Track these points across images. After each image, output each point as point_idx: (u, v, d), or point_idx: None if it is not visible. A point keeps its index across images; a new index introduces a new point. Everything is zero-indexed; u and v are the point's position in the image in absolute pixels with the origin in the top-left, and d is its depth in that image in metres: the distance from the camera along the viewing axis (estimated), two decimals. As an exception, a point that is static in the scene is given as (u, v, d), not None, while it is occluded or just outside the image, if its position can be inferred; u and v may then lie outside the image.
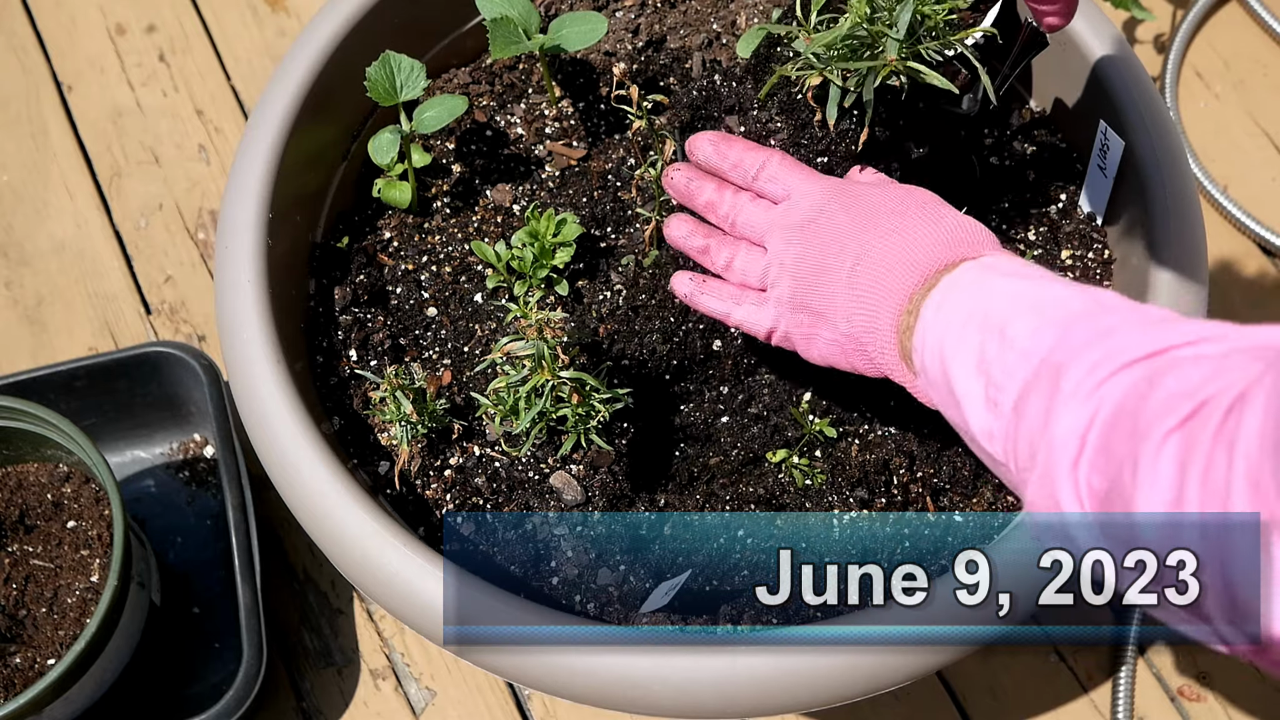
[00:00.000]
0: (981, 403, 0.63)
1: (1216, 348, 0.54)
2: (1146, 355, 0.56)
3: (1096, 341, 0.58)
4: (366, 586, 0.86)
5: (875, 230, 0.75)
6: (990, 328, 0.63)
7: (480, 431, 0.97)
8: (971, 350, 0.64)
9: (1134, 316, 0.59)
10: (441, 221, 1.05)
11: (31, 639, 1.06)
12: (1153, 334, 0.57)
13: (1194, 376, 0.53)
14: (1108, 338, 0.58)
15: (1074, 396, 0.57)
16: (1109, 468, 0.55)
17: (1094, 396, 0.56)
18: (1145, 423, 0.53)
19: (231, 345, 0.93)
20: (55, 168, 1.45)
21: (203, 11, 1.53)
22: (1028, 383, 0.59)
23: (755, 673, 0.80)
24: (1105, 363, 0.57)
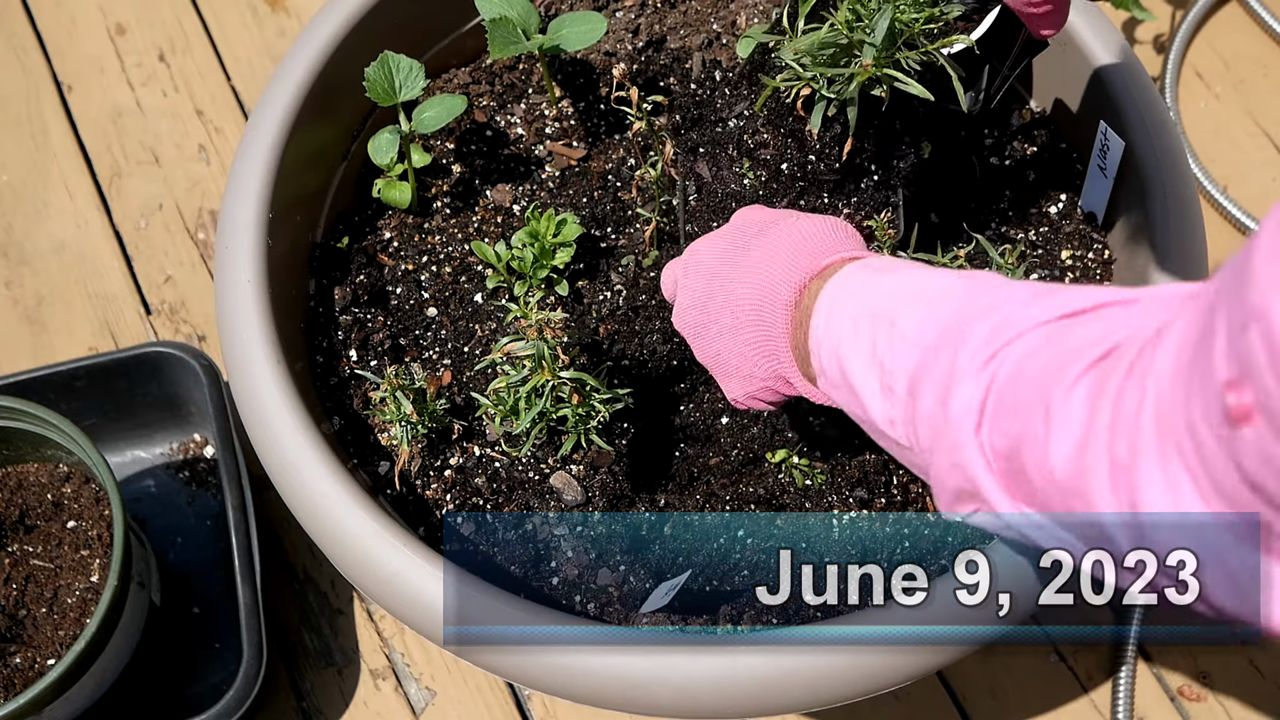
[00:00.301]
0: (878, 391, 0.64)
1: (1122, 309, 0.54)
2: (1043, 322, 0.56)
3: (986, 315, 0.59)
4: (366, 586, 0.86)
5: (736, 276, 0.77)
6: (880, 320, 0.65)
7: (480, 431, 0.97)
8: (865, 343, 0.65)
9: (1022, 290, 0.60)
10: (441, 221, 1.05)
11: (31, 639, 1.06)
12: (1045, 302, 0.57)
13: (1099, 328, 0.53)
14: (996, 311, 0.59)
15: (969, 370, 0.58)
16: (1012, 425, 0.55)
17: (989, 366, 0.57)
18: (1056, 370, 0.53)
19: (231, 345, 0.93)
20: (55, 168, 1.45)
21: (203, 11, 1.53)
22: (920, 364, 0.61)
23: (755, 673, 0.80)
24: (999, 333, 0.57)
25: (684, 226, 0.95)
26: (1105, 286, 0.57)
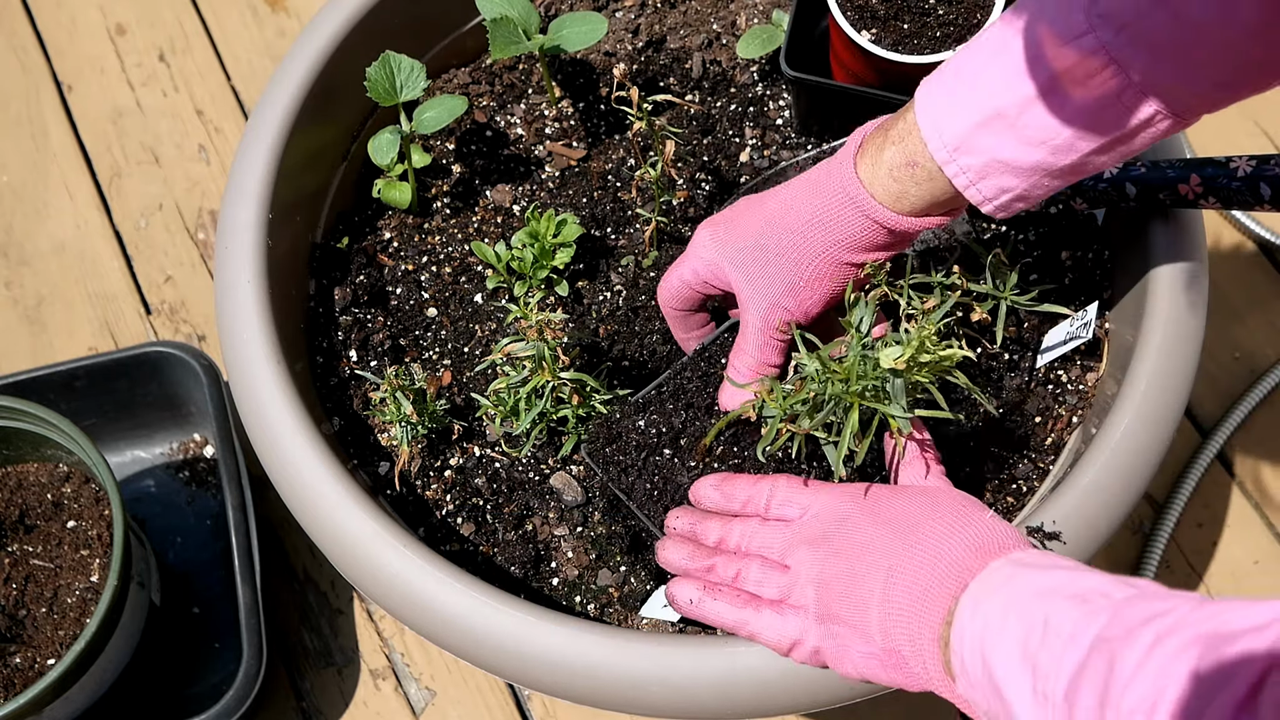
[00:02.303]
0: (1029, 695, 0.60)
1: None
2: (1210, 634, 0.53)
3: (1150, 622, 0.55)
4: (366, 587, 0.86)
5: (904, 540, 0.73)
6: (1032, 619, 0.61)
7: (480, 432, 0.97)
8: (1014, 642, 0.61)
9: (1185, 600, 0.56)
10: (441, 222, 1.05)
11: (31, 639, 1.06)
12: (1209, 610, 0.54)
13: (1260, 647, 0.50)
14: (1161, 618, 0.55)
15: (1134, 679, 0.53)
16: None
17: (1159, 675, 0.53)
18: (1222, 681, 0.50)
19: (231, 345, 0.93)
20: (55, 168, 1.45)
21: (203, 11, 1.53)
22: (1079, 669, 0.57)
23: (755, 673, 0.80)
24: (1163, 641, 0.53)
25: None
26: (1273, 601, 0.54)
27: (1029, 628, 0.60)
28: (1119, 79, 0.65)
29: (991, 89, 0.69)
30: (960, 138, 0.70)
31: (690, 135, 1.06)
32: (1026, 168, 0.70)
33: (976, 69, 0.70)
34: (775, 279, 0.81)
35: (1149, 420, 0.86)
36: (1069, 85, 0.66)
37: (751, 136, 1.06)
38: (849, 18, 0.96)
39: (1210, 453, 1.25)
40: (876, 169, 0.75)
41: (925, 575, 0.70)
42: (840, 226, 0.78)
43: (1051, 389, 0.97)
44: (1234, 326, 1.33)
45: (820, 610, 0.74)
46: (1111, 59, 0.65)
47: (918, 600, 0.70)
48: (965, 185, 0.72)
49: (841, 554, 0.75)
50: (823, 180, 0.78)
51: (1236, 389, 1.29)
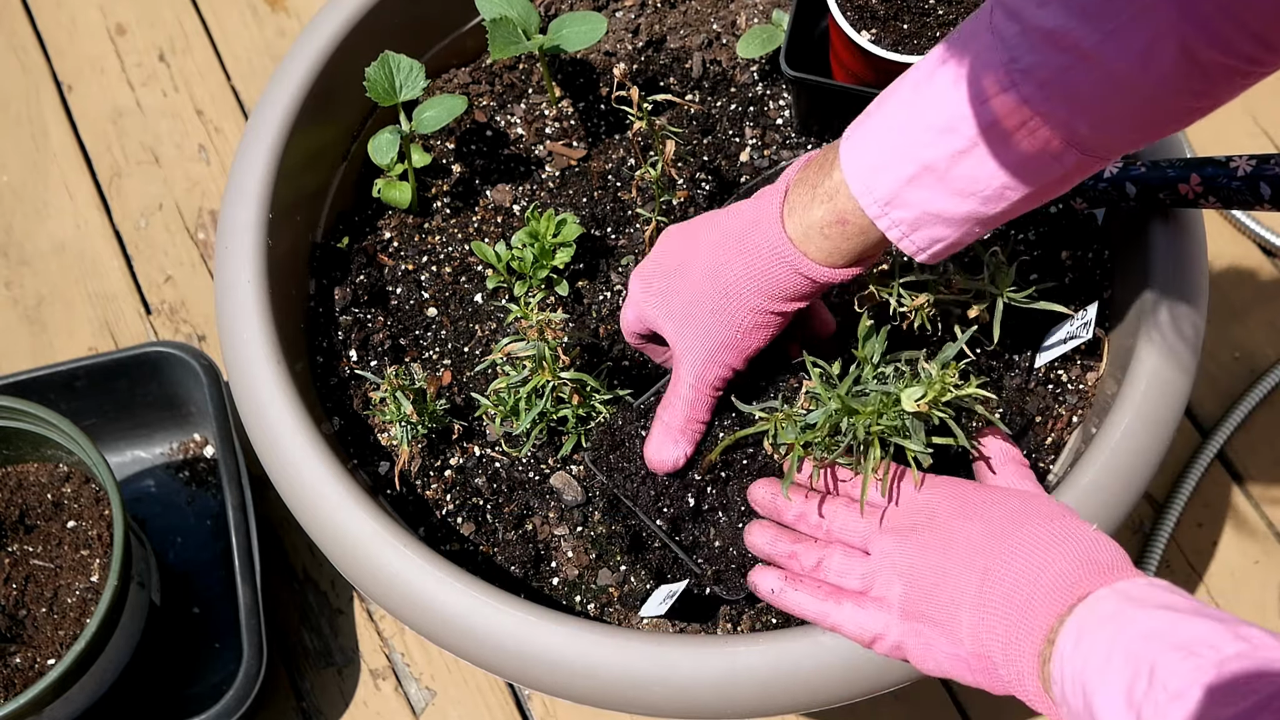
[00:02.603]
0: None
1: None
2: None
3: (1259, 694, 0.54)
4: (366, 587, 0.86)
5: (1003, 543, 0.72)
6: (1138, 665, 0.60)
7: (480, 432, 0.97)
8: (1118, 686, 0.61)
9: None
10: (441, 222, 1.05)
11: (31, 639, 1.06)
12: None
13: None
14: (1272, 686, 0.54)
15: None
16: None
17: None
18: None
19: (231, 345, 0.93)
20: (55, 168, 1.45)
21: (203, 11, 1.53)
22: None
23: (755, 673, 0.80)
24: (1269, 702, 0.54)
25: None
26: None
27: (1135, 674, 0.60)
28: (1044, 130, 0.67)
29: (919, 143, 0.70)
30: (891, 193, 0.72)
31: (690, 135, 1.06)
32: (958, 218, 0.71)
33: (901, 123, 0.71)
34: (709, 335, 0.82)
35: (1149, 420, 0.86)
36: (996, 139, 0.68)
37: (751, 136, 1.06)
38: (849, 18, 0.96)
39: (1210, 453, 1.25)
40: (808, 228, 0.76)
41: (1027, 585, 0.69)
42: (772, 283, 0.79)
43: (1051, 389, 0.97)
44: (1234, 326, 1.33)
45: (906, 606, 0.74)
46: (1035, 113, 0.66)
47: (1018, 610, 0.69)
48: (899, 237, 0.73)
49: (931, 549, 0.74)
50: (751, 238, 0.79)
51: (1236, 389, 1.29)
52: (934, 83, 0.69)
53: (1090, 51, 0.63)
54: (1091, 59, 0.63)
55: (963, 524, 0.74)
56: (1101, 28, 0.62)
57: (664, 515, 0.87)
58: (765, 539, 0.82)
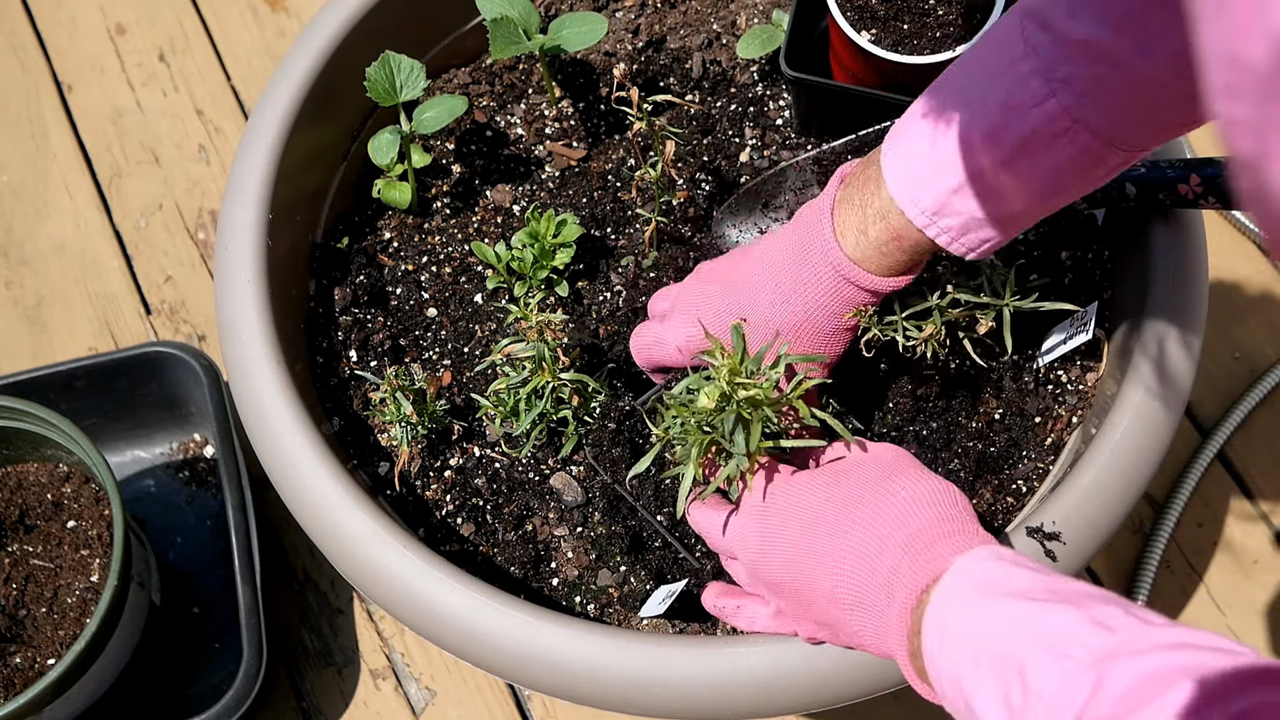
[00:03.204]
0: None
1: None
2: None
3: (1141, 702, 0.54)
4: (366, 587, 0.86)
5: (836, 538, 0.74)
6: (1007, 670, 0.61)
7: (480, 432, 0.97)
8: (994, 694, 0.61)
9: (1169, 659, 0.55)
10: (441, 222, 1.05)
11: (31, 639, 1.06)
12: (1217, 689, 0.52)
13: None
14: (1155, 697, 0.53)
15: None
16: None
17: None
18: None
19: (231, 345, 0.93)
20: (55, 168, 1.45)
21: (203, 11, 1.53)
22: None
23: (755, 673, 0.80)
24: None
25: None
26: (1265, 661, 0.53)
27: (1006, 679, 0.61)
28: (1084, 136, 0.68)
29: (962, 158, 0.72)
30: (938, 204, 0.73)
31: (690, 135, 1.06)
32: (1004, 218, 0.74)
33: (940, 136, 0.73)
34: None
35: (1149, 420, 0.86)
36: (1037, 148, 0.69)
37: (751, 136, 1.06)
38: (849, 18, 0.96)
39: (1210, 453, 1.25)
40: (866, 247, 0.78)
41: (866, 583, 0.72)
42: (840, 302, 0.81)
43: (1051, 389, 0.97)
44: (1234, 326, 1.32)
45: (793, 612, 0.78)
46: (1074, 121, 0.68)
47: (868, 614, 0.72)
48: (948, 243, 0.75)
49: (777, 564, 0.77)
50: (809, 265, 0.81)
51: (1236, 389, 1.29)
52: (967, 96, 0.71)
53: (1125, 60, 0.64)
54: (1126, 67, 0.64)
55: (798, 534, 0.77)
56: (1133, 36, 0.64)
57: (665, 512, 0.87)
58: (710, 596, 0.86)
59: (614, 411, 0.89)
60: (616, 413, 0.89)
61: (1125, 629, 0.58)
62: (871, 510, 0.73)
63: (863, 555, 0.72)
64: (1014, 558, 0.68)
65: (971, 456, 0.94)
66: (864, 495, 0.74)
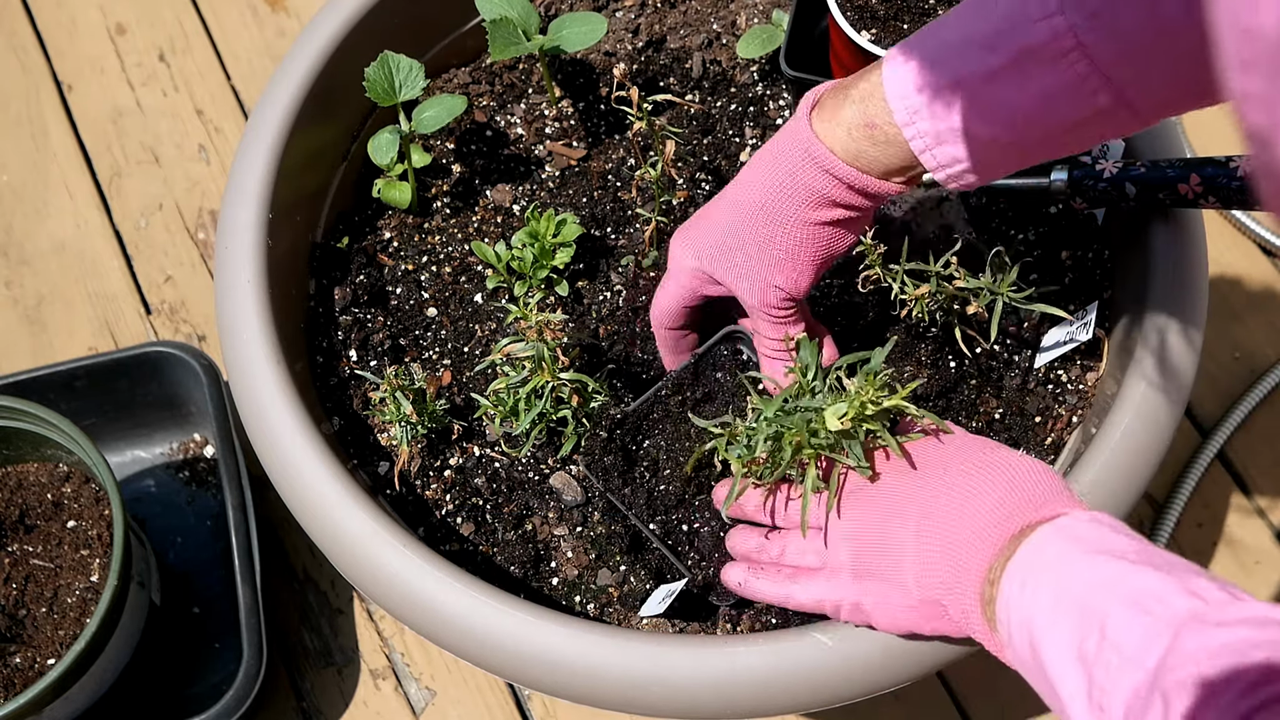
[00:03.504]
0: (1084, 698, 0.59)
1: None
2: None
3: (1217, 661, 0.53)
4: (366, 587, 0.86)
5: (932, 486, 0.73)
6: (1088, 619, 0.60)
7: (480, 432, 0.97)
8: (1067, 638, 0.61)
9: (1256, 634, 0.54)
10: (441, 222, 1.05)
11: (31, 639, 1.06)
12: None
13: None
14: (1235, 657, 0.53)
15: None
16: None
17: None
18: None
19: (231, 345, 0.93)
20: (55, 168, 1.45)
21: (203, 11, 1.53)
22: (1137, 695, 0.56)
23: (755, 673, 0.80)
24: (1237, 701, 0.51)
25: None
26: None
27: (1084, 629, 0.60)
28: (1083, 64, 0.65)
29: (959, 58, 0.68)
30: (922, 102, 0.70)
31: (690, 135, 1.06)
32: (980, 140, 0.70)
33: (947, 37, 0.69)
34: (756, 260, 0.81)
35: (1149, 420, 0.86)
36: (1033, 65, 0.66)
37: (751, 136, 1.06)
38: (849, 18, 0.96)
39: (1210, 453, 1.25)
40: (835, 126, 0.74)
41: (960, 522, 0.70)
42: (802, 187, 0.77)
43: (1051, 389, 0.97)
44: (1234, 326, 1.33)
45: (856, 568, 0.75)
46: (1079, 43, 0.64)
47: (955, 550, 0.70)
48: (920, 150, 0.71)
49: (870, 504, 0.75)
50: (780, 147, 0.78)
51: (1236, 389, 1.29)
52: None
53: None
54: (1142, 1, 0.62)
55: (895, 475, 0.75)
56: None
57: (658, 520, 0.87)
58: (737, 539, 0.84)
59: (605, 419, 0.89)
60: (608, 420, 0.89)
61: (1214, 600, 0.58)
62: (973, 469, 0.72)
63: (955, 505, 0.70)
64: (1112, 523, 0.67)
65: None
66: (961, 458, 0.73)
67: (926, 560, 0.71)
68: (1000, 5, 0.67)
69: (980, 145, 0.70)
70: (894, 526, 0.73)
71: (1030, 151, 0.71)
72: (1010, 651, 0.66)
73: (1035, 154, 0.72)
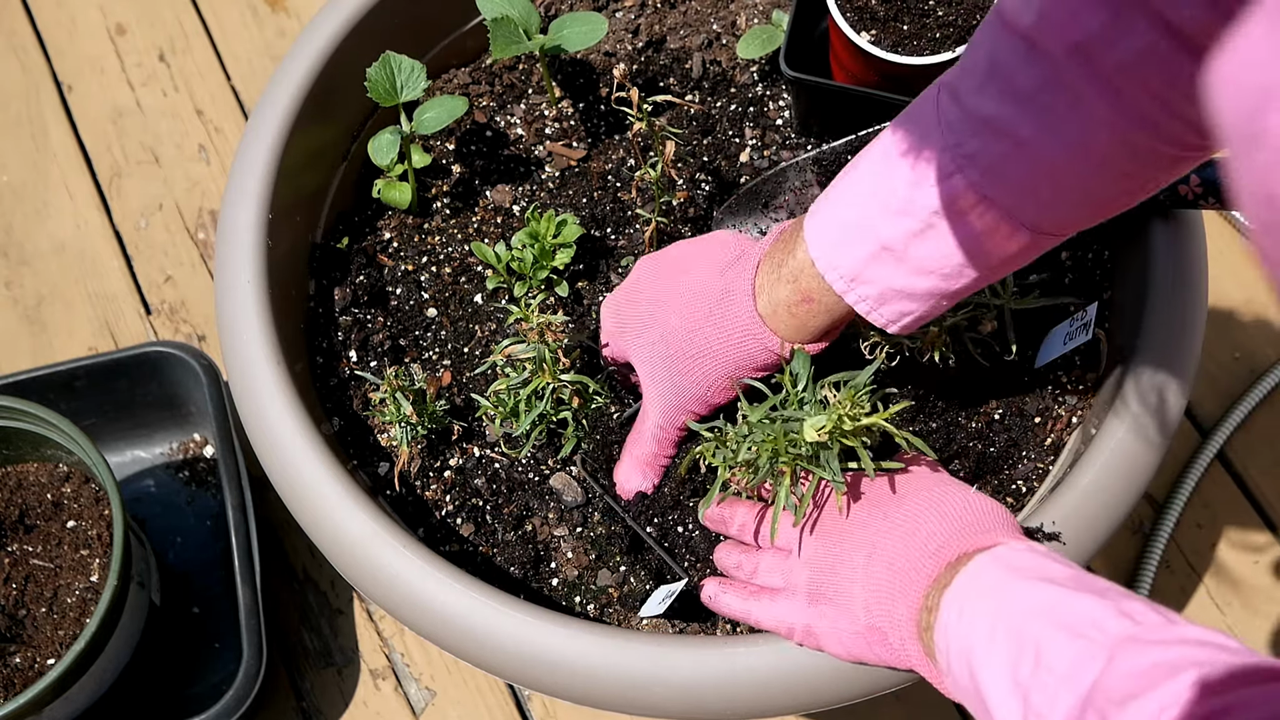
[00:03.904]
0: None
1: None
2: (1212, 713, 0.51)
3: (1149, 684, 0.53)
4: (366, 587, 0.86)
5: (886, 517, 0.76)
6: (1023, 645, 0.61)
7: (480, 433, 0.97)
8: (1003, 665, 0.62)
9: (1190, 653, 0.54)
10: (441, 222, 1.05)
11: (31, 639, 1.06)
12: (1216, 684, 0.52)
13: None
14: (1168, 676, 0.53)
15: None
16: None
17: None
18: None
19: (231, 345, 0.93)
20: (55, 168, 1.45)
21: (203, 11, 1.53)
22: (1071, 716, 0.57)
23: (755, 673, 0.80)
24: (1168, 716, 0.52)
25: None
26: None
27: (1019, 653, 0.61)
28: (993, 213, 0.67)
29: (878, 223, 0.71)
30: (855, 269, 0.73)
31: (690, 135, 1.06)
32: (921, 293, 0.73)
33: (862, 200, 0.72)
34: (678, 389, 0.85)
35: (1149, 420, 0.86)
36: (948, 220, 0.69)
37: (751, 136, 1.06)
38: (849, 19, 0.96)
39: (1210, 453, 1.25)
40: (775, 306, 0.79)
41: (902, 551, 0.73)
42: (743, 355, 0.82)
43: (1051, 389, 0.97)
44: (1234, 326, 1.33)
45: (811, 591, 0.78)
46: (983, 196, 0.67)
47: (896, 577, 0.72)
48: (867, 311, 0.75)
49: (829, 534, 0.78)
50: (723, 308, 0.82)
51: (1236, 389, 1.29)
52: (890, 162, 0.71)
53: (1027, 140, 0.64)
54: (1028, 147, 0.64)
55: (857, 509, 0.78)
56: (1036, 118, 0.63)
57: (655, 523, 0.89)
58: (722, 553, 0.86)
59: (603, 422, 0.90)
60: (605, 423, 0.90)
61: (1149, 622, 0.59)
62: (921, 502, 0.75)
63: (903, 533, 0.73)
64: (1048, 552, 0.69)
65: (971, 456, 0.94)
66: (914, 492, 0.76)
67: (873, 587, 0.74)
68: (905, 168, 0.70)
69: (922, 296, 0.73)
70: (848, 553, 0.76)
71: (971, 288, 0.74)
72: (950, 680, 0.68)
73: (976, 287, 0.74)
